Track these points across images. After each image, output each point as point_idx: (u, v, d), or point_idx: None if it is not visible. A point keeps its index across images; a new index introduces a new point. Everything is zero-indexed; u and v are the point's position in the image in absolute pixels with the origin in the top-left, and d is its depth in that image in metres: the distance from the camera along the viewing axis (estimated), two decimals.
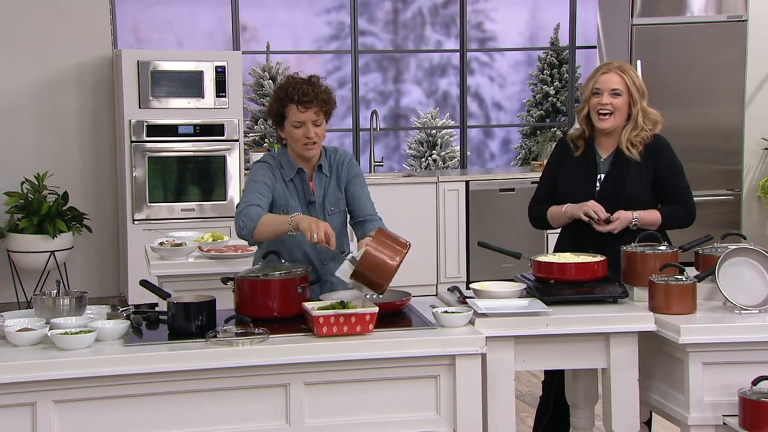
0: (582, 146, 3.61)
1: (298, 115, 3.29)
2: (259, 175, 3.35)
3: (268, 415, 2.84)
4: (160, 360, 2.76)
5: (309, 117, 3.30)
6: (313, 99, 3.28)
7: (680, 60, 7.07)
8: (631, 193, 3.52)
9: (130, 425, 2.76)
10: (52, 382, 2.70)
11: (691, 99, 7.14)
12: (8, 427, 2.70)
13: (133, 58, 6.56)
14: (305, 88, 3.29)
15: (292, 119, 3.31)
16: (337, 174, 3.46)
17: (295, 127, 3.31)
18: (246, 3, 7.61)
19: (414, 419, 2.91)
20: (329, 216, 3.41)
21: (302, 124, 3.30)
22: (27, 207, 6.52)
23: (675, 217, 3.56)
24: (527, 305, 3.11)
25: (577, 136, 3.64)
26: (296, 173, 3.40)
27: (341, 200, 3.45)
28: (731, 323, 3.02)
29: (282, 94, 3.32)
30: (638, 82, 3.55)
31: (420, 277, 6.95)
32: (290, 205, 3.36)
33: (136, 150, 6.55)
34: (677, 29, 7.08)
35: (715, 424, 2.98)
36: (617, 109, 3.51)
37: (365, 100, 8.10)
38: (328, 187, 3.43)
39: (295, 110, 3.29)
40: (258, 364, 2.80)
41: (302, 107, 3.28)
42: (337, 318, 2.87)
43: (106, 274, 7.10)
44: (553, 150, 3.76)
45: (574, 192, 3.56)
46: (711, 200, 7.23)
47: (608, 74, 3.53)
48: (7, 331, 2.83)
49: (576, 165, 3.60)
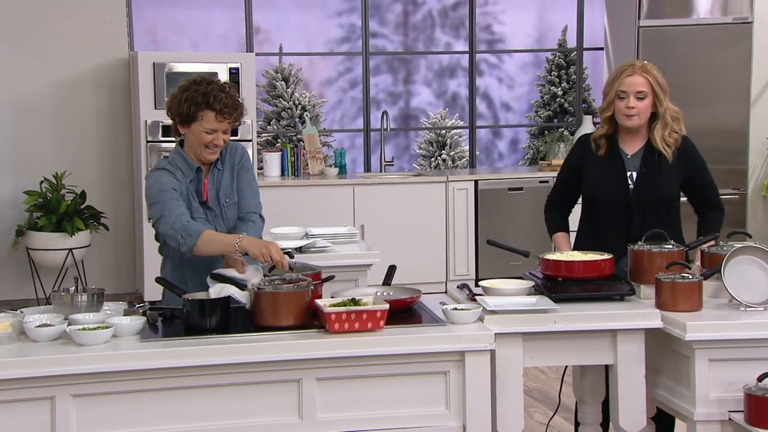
0: (604, 145, 3.57)
1: (214, 123, 3.21)
2: (166, 182, 3.24)
3: (281, 410, 2.84)
4: (175, 355, 2.77)
5: (223, 127, 3.24)
6: (233, 112, 3.23)
7: (686, 61, 7.05)
8: (666, 191, 3.51)
9: (146, 419, 2.77)
10: (71, 377, 2.70)
11: (697, 99, 7.11)
12: (28, 421, 2.70)
13: (149, 60, 6.58)
14: (227, 99, 3.21)
15: (205, 125, 3.22)
16: (231, 166, 3.39)
17: (206, 133, 3.24)
18: (259, 6, 7.61)
19: (424, 414, 2.90)
20: (225, 207, 3.34)
21: (215, 132, 3.24)
22: (46, 205, 6.55)
23: (718, 225, 3.56)
24: (535, 302, 3.10)
25: (599, 135, 3.59)
26: (195, 173, 3.32)
27: (234, 192, 3.38)
28: (737, 320, 3.00)
29: (200, 99, 3.20)
30: (661, 81, 3.54)
31: (430, 275, 6.96)
32: (192, 206, 3.27)
33: (152, 149, 6.57)
34: (683, 31, 7.05)
35: (721, 420, 2.97)
36: (642, 111, 3.50)
37: (376, 101, 8.10)
38: (222, 180, 3.36)
39: (212, 118, 3.21)
40: (271, 359, 2.80)
41: (221, 117, 3.21)
42: (348, 315, 2.86)
43: (123, 272, 7.12)
44: (573, 151, 3.70)
45: (606, 190, 3.52)
46: None
47: (633, 76, 3.50)
48: (26, 327, 2.84)
49: (603, 163, 3.55)
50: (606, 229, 3.52)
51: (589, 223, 3.60)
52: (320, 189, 6.99)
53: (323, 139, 7.78)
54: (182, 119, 3.26)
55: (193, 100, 3.22)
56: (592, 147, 3.60)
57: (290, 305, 2.91)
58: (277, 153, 7.25)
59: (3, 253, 6.80)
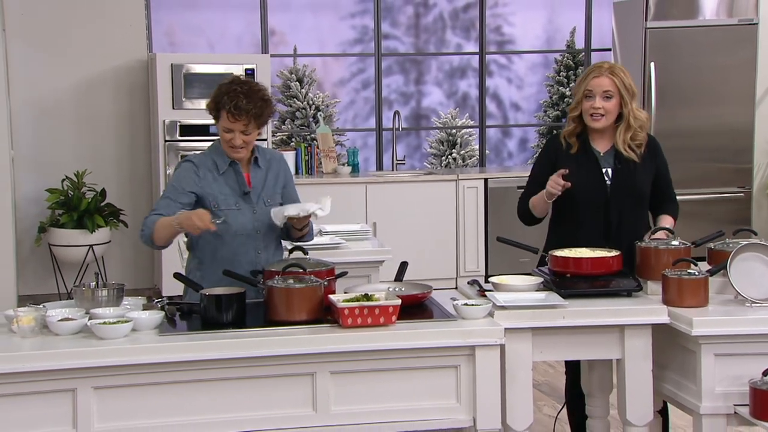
0: (576, 143, 3.54)
1: (228, 123, 3.25)
2: (179, 178, 3.30)
3: (296, 403, 2.84)
4: (193, 349, 2.78)
5: (238, 127, 3.24)
6: (244, 113, 3.21)
7: (692, 62, 7.02)
8: (641, 186, 3.50)
9: (165, 410, 2.78)
10: (92, 370, 2.72)
11: (703, 100, 7.08)
12: (50, 412, 2.72)
13: (167, 62, 6.59)
14: (239, 100, 3.21)
15: (222, 124, 3.27)
16: (275, 171, 3.42)
17: (225, 131, 3.28)
18: (274, 8, 7.62)
19: (435, 407, 2.90)
20: (265, 207, 3.35)
21: (231, 131, 3.27)
22: (67, 203, 6.58)
23: (677, 211, 3.59)
24: (544, 298, 3.09)
25: (570, 133, 3.55)
26: (228, 165, 3.34)
27: (277, 194, 3.40)
28: (742, 316, 2.99)
29: (219, 98, 3.26)
30: (628, 83, 3.49)
31: (441, 271, 6.95)
32: (223, 196, 3.30)
33: (170, 149, 6.58)
34: (690, 32, 7.02)
35: (726, 413, 2.96)
36: (609, 111, 3.48)
37: (388, 101, 8.09)
38: (265, 180, 3.39)
39: (226, 118, 3.24)
40: (286, 353, 2.80)
41: (232, 118, 3.23)
42: (361, 310, 2.86)
43: (142, 267, 7.15)
44: (544, 149, 3.63)
45: (584, 186, 3.48)
46: (722, 197, 7.18)
47: (600, 78, 3.47)
48: (49, 321, 2.86)
49: (577, 160, 3.50)
50: (584, 225, 3.48)
51: (565, 221, 3.54)
52: (333, 187, 6.98)
53: (336, 139, 7.78)
54: (212, 116, 3.33)
55: (216, 98, 3.28)
56: (563, 146, 3.55)
57: (304, 301, 2.91)
58: (292, 152, 7.26)
59: (26, 249, 6.83)
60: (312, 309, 2.92)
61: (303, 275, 2.98)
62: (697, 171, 7.01)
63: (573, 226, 3.51)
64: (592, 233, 3.45)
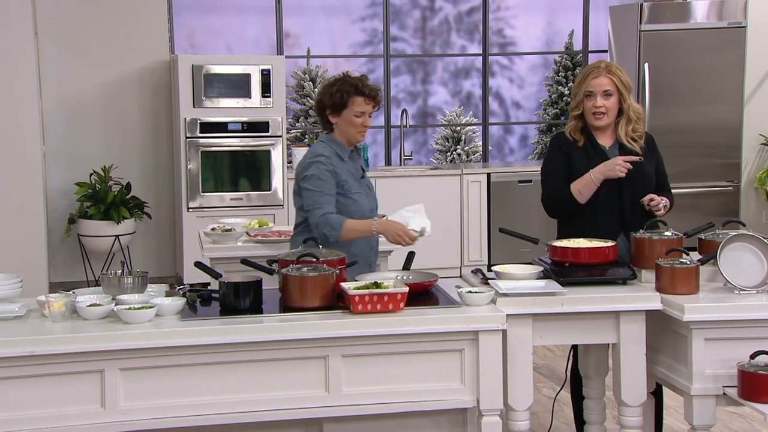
0: (582, 138, 3.52)
1: (364, 106, 3.44)
2: (321, 174, 3.42)
3: (309, 384, 2.85)
4: (213, 333, 2.78)
5: (369, 110, 3.46)
6: (377, 95, 3.48)
7: (685, 63, 6.99)
8: (649, 173, 3.49)
9: (186, 390, 2.79)
10: (118, 352, 2.73)
11: (695, 98, 7.06)
12: (80, 390, 2.73)
13: (188, 63, 6.59)
14: (372, 86, 3.47)
15: (356, 109, 3.44)
16: (362, 159, 3.65)
17: (357, 116, 3.45)
18: (289, 12, 7.61)
19: (440, 389, 2.90)
20: (371, 190, 3.58)
21: (363, 114, 3.45)
22: (95, 196, 6.60)
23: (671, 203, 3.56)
24: (544, 286, 3.09)
25: (573, 129, 3.52)
26: (349, 154, 3.52)
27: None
28: (731, 302, 2.98)
29: (348, 87, 3.44)
30: (625, 80, 3.48)
31: (446, 261, 6.95)
32: (351, 181, 3.47)
33: (191, 145, 6.59)
34: (682, 35, 6.99)
35: (716, 395, 2.96)
36: (610, 109, 3.46)
37: (396, 100, 8.08)
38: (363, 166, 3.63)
39: (362, 102, 3.44)
40: (300, 337, 2.81)
41: (369, 100, 3.45)
42: (371, 297, 2.87)
43: (164, 256, 7.17)
44: (554, 145, 3.56)
45: None
46: (712, 191, 7.16)
47: (599, 78, 3.44)
48: (78, 306, 2.87)
49: (586, 154, 3.49)
50: (601, 213, 3.45)
51: (581, 210, 3.50)
52: None
53: None
54: (334, 108, 3.46)
55: (344, 89, 3.44)
56: (570, 141, 3.52)
57: (317, 288, 2.92)
58: (305, 148, 7.25)
59: (57, 239, 6.86)
60: (325, 296, 2.93)
61: (316, 264, 2.98)
62: (689, 166, 6.99)
63: (589, 215, 3.47)
64: (608, 220, 3.43)
